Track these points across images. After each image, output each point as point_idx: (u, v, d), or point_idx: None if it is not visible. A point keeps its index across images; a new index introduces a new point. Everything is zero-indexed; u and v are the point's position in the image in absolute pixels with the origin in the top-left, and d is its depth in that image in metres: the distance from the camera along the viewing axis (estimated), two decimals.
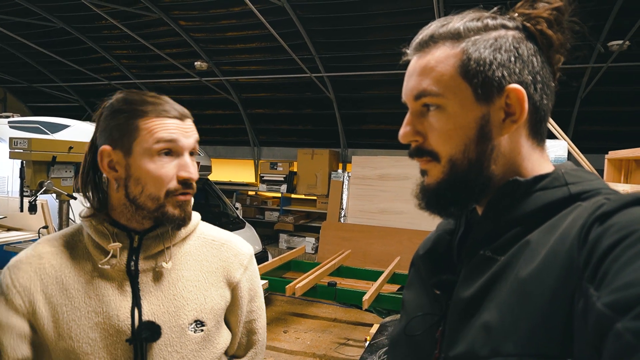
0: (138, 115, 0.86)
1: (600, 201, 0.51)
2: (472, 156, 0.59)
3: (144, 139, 0.85)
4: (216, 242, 1.01)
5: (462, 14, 0.61)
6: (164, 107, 0.88)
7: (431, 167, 0.62)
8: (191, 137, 0.90)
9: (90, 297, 0.87)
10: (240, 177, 8.82)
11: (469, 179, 0.60)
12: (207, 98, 8.34)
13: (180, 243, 0.96)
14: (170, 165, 0.87)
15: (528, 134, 0.60)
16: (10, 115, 5.23)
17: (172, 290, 0.91)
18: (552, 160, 2.12)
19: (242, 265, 1.02)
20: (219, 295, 0.97)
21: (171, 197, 0.87)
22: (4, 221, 3.52)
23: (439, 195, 0.62)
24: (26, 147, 2.53)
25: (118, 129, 0.86)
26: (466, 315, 0.57)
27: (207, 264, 0.98)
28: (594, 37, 5.26)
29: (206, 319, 0.93)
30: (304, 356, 4.10)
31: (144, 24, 6.59)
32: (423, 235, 0.76)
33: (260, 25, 5.82)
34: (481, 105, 0.58)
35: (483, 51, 0.58)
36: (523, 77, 0.58)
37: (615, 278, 0.42)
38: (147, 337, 0.86)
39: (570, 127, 6.47)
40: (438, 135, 0.60)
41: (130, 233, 0.90)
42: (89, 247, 0.90)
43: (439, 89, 0.59)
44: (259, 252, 5.42)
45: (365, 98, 7.33)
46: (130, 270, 0.89)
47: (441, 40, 0.60)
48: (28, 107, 10.08)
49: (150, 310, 0.88)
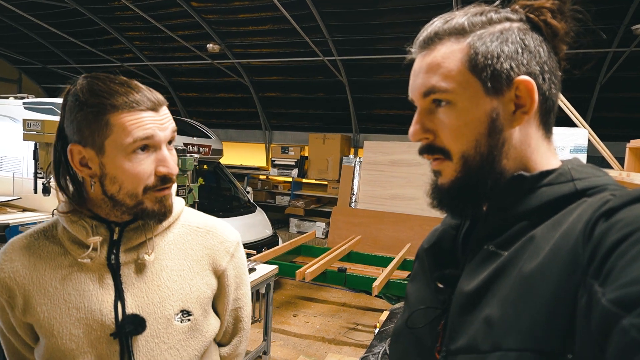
0: (107, 110, 0.78)
1: (606, 197, 0.51)
2: (483, 151, 0.59)
3: (118, 137, 0.79)
4: (201, 229, 0.98)
5: (463, 9, 0.61)
6: (136, 98, 0.80)
7: (444, 167, 0.62)
8: (167, 128, 0.83)
9: (69, 293, 0.84)
10: (251, 161, 8.83)
11: (482, 174, 0.60)
12: (218, 81, 8.31)
13: (163, 233, 0.93)
14: (148, 162, 0.82)
15: (538, 124, 0.61)
16: (26, 96, 5.26)
17: (156, 281, 0.89)
18: (572, 149, 2.07)
19: (229, 252, 0.99)
20: (204, 283, 0.94)
21: (149, 193, 0.83)
22: (19, 202, 3.57)
23: (452, 194, 0.62)
24: (39, 129, 2.54)
25: (87, 126, 0.79)
26: (468, 309, 0.58)
27: (191, 252, 0.95)
28: (616, 20, 5.09)
29: (192, 308, 0.91)
30: (313, 340, 4.14)
31: (157, 5, 6.54)
32: (434, 222, 0.74)
33: (273, 7, 5.74)
34: (491, 99, 0.58)
35: (490, 44, 0.58)
36: (531, 68, 0.58)
37: (621, 274, 0.41)
38: (132, 331, 0.85)
39: (589, 114, 6.30)
40: (449, 131, 0.60)
41: (110, 225, 0.87)
42: (65, 242, 0.87)
43: (448, 84, 0.59)
44: (270, 236, 5.45)
45: (377, 82, 7.22)
46: (111, 263, 0.86)
47: (446, 37, 0.60)
48: (43, 88, 10.16)
49: (134, 302, 0.86)
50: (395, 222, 5.92)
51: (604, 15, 4.97)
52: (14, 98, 5.22)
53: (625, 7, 4.95)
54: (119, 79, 0.82)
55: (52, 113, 4.61)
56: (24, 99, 5.13)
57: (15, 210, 3.55)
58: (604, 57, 5.72)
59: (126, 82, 0.82)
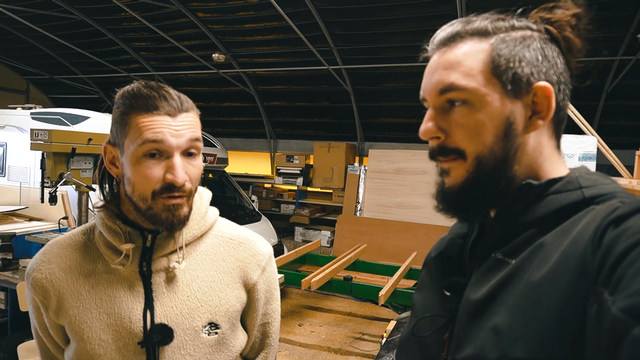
0: (129, 111, 0.80)
1: (614, 204, 0.51)
2: (498, 154, 0.58)
3: (132, 138, 0.79)
4: (234, 240, 0.97)
5: (483, 15, 0.61)
6: (156, 102, 0.79)
7: (455, 166, 0.61)
8: (182, 136, 0.80)
9: (101, 298, 0.85)
10: (256, 169, 8.85)
11: (493, 179, 0.59)
12: (224, 90, 8.36)
13: (195, 242, 0.92)
14: (157, 167, 0.80)
15: (551, 134, 0.61)
16: (33, 107, 5.32)
17: (186, 292, 0.88)
18: (581, 156, 2.05)
19: (260, 266, 0.97)
20: (234, 296, 0.93)
21: (158, 199, 0.81)
22: (25, 211, 3.58)
23: (461, 197, 0.61)
24: (47, 139, 2.56)
25: (115, 125, 0.83)
26: (475, 318, 0.57)
27: (223, 264, 0.94)
28: (622, 28, 5.08)
29: (220, 321, 0.90)
30: (318, 350, 4.11)
31: (163, 15, 6.62)
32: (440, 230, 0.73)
33: (278, 17, 5.79)
34: (510, 102, 0.58)
35: (513, 48, 0.58)
36: (549, 77, 0.58)
37: (631, 282, 0.41)
38: (160, 341, 0.84)
39: (595, 121, 6.28)
40: (464, 131, 0.59)
41: (144, 232, 0.88)
42: (101, 247, 0.88)
43: (468, 82, 0.58)
44: (275, 244, 5.44)
45: (382, 91, 7.24)
46: (142, 270, 0.86)
47: (468, 36, 0.60)
48: (50, 98, 10.27)
49: (163, 312, 0.86)
50: (401, 231, 5.89)
51: (610, 24, 4.97)
52: (22, 108, 5.27)
53: (630, 16, 4.95)
54: (152, 83, 0.83)
55: (59, 123, 4.65)
56: (31, 109, 5.18)
57: (21, 219, 3.56)
58: (610, 65, 5.71)
59: (158, 86, 0.82)
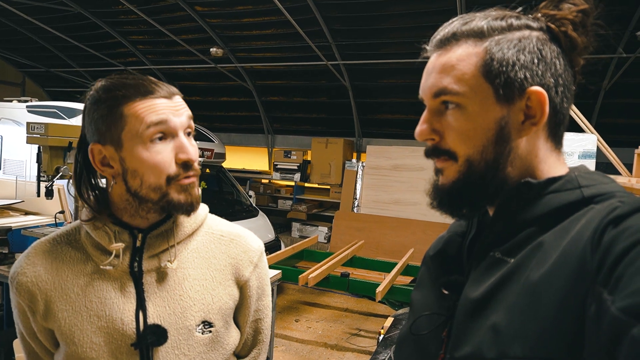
0: (120, 102, 0.78)
1: (614, 204, 0.51)
2: (489, 157, 0.59)
3: (132, 127, 0.77)
4: (225, 237, 0.96)
5: (485, 12, 0.60)
6: (147, 87, 0.79)
7: (447, 166, 0.62)
8: (183, 114, 0.81)
9: (91, 300, 0.83)
10: (253, 165, 8.82)
11: (484, 180, 0.59)
12: (221, 85, 8.32)
13: (186, 240, 0.91)
14: (166, 150, 0.79)
15: (547, 136, 0.60)
16: (29, 100, 5.28)
17: (178, 291, 0.87)
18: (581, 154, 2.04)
19: (252, 262, 0.97)
20: (227, 294, 0.92)
21: (173, 183, 0.80)
22: (21, 205, 3.56)
23: (452, 195, 0.62)
24: (43, 132, 2.53)
25: (103, 121, 0.79)
26: (474, 317, 0.57)
27: (215, 261, 0.92)
28: (622, 25, 5.07)
29: (214, 319, 0.89)
30: (315, 346, 4.11)
31: (161, 9, 6.56)
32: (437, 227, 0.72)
33: (277, 11, 5.74)
34: (501, 106, 0.58)
35: (506, 52, 0.57)
36: (545, 80, 0.57)
37: (630, 282, 0.42)
38: (153, 342, 0.83)
39: (593, 119, 6.28)
40: (456, 134, 0.60)
41: (133, 231, 0.85)
42: (88, 248, 0.86)
43: (459, 87, 0.58)
44: (272, 240, 5.43)
45: (381, 87, 7.22)
46: (133, 271, 0.84)
47: (463, 38, 0.59)
48: (46, 91, 10.19)
49: (156, 312, 0.84)
50: (398, 227, 5.89)
51: (608, 21, 4.96)
52: (18, 101, 5.23)
53: (630, 13, 4.94)
54: (132, 74, 0.82)
55: (55, 116, 4.62)
56: (27, 102, 5.14)
57: (17, 213, 3.54)
58: (609, 63, 5.70)
59: (137, 76, 0.82)
